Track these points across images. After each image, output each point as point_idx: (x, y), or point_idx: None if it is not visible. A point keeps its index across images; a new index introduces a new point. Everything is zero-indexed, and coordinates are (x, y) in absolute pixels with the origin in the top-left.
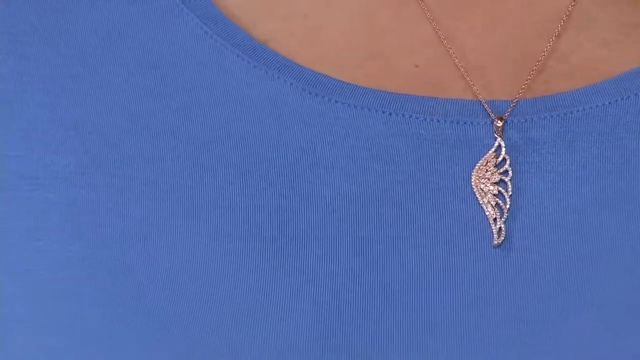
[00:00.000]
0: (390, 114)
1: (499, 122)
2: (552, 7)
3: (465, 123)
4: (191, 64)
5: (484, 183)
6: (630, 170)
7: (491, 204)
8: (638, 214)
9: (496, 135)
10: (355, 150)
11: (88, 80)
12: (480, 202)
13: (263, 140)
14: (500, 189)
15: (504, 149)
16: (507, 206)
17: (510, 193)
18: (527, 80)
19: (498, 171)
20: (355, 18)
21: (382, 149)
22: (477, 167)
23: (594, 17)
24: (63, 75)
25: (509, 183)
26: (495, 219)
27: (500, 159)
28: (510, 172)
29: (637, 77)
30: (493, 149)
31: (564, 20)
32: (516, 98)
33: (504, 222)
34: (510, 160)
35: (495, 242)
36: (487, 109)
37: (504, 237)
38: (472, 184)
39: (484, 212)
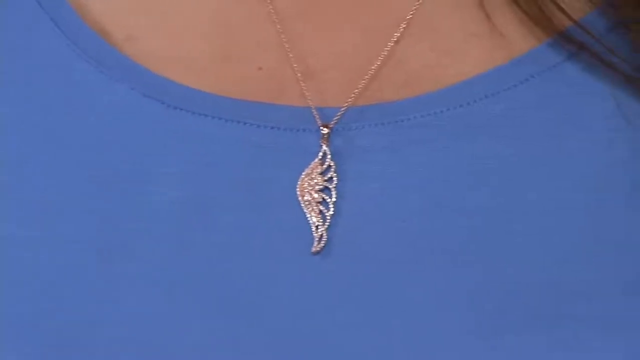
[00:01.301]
0: (226, 120)
1: (324, 129)
2: (396, 13)
3: (298, 130)
4: (45, 67)
5: (308, 190)
6: (456, 178)
7: (315, 211)
8: (462, 220)
9: (321, 143)
10: (189, 157)
11: None
12: (304, 209)
13: (104, 145)
14: (324, 196)
15: (329, 157)
16: (330, 213)
17: (334, 200)
18: (358, 87)
19: (323, 178)
20: (211, 18)
21: (216, 156)
22: (303, 174)
23: (434, 25)
24: None
25: (333, 190)
26: (317, 226)
27: (325, 166)
28: (335, 180)
29: (469, 87)
30: (319, 157)
31: (403, 27)
32: (345, 105)
33: (326, 229)
34: (335, 168)
35: (314, 249)
36: (315, 115)
37: (324, 244)
38: (297, 191)
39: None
